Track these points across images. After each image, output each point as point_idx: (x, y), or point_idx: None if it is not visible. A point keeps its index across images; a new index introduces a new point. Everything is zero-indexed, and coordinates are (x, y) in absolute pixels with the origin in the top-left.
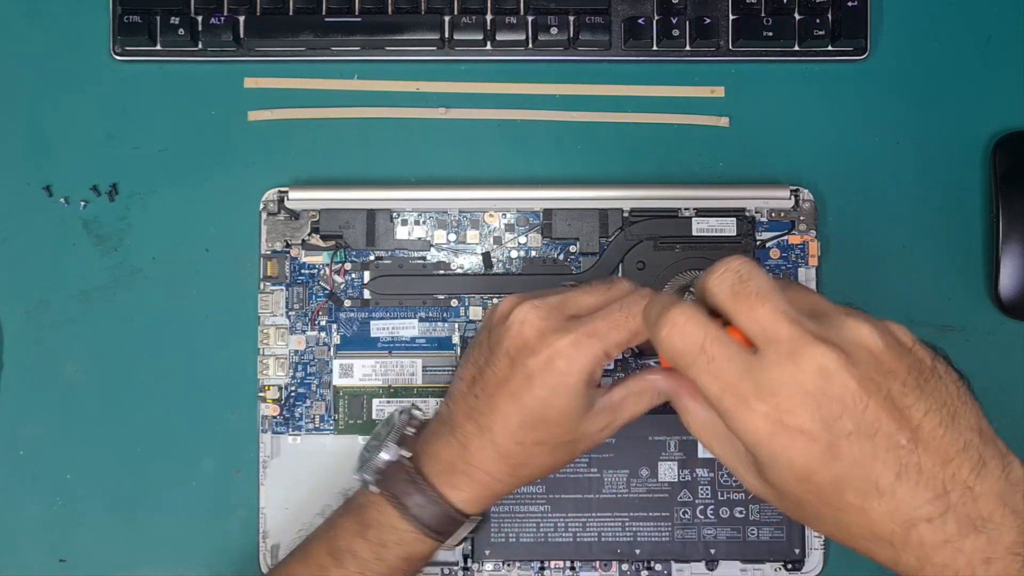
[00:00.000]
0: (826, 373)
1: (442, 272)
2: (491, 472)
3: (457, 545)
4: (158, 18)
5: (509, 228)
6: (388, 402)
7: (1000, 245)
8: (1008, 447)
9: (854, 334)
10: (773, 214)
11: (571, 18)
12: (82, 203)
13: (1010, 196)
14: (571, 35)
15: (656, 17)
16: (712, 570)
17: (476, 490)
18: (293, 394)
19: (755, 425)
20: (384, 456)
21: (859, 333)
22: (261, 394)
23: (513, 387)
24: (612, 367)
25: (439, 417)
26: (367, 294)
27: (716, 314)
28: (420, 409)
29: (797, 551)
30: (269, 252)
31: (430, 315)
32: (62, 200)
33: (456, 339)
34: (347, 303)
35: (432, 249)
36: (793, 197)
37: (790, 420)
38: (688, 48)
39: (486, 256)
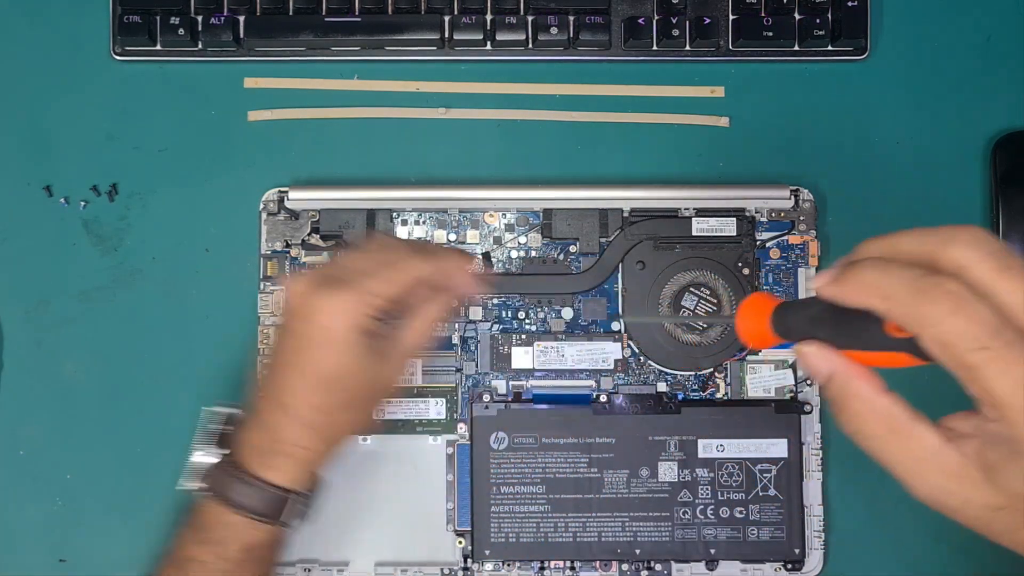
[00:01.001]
0: None
1: None
2: (302, 444)
3: (299, 522)
4: (158, 18)
5: (509, 228)
6: (388, 402)
7: None
8: None
9: None
10: (773, 214)
11: (571, 18)
12: (82, 203)
13: (1010, 196)
14: (571, 35)
15: (656, 17)
16: (712, 570)
17: (293, 466)
18: None
19: None
20: (198, 458)
21: None
22: None
23: (292, 357)
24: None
25: (247, 407)
26: None
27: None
28: (222, 406)
29: (797, 551)
30: (269, 252)
31: None
32: (62, 200)
33: (456, 339)
34: None
35: None
36: (793, 197)
37: None
38: (688, 48)
39: (486, 256)
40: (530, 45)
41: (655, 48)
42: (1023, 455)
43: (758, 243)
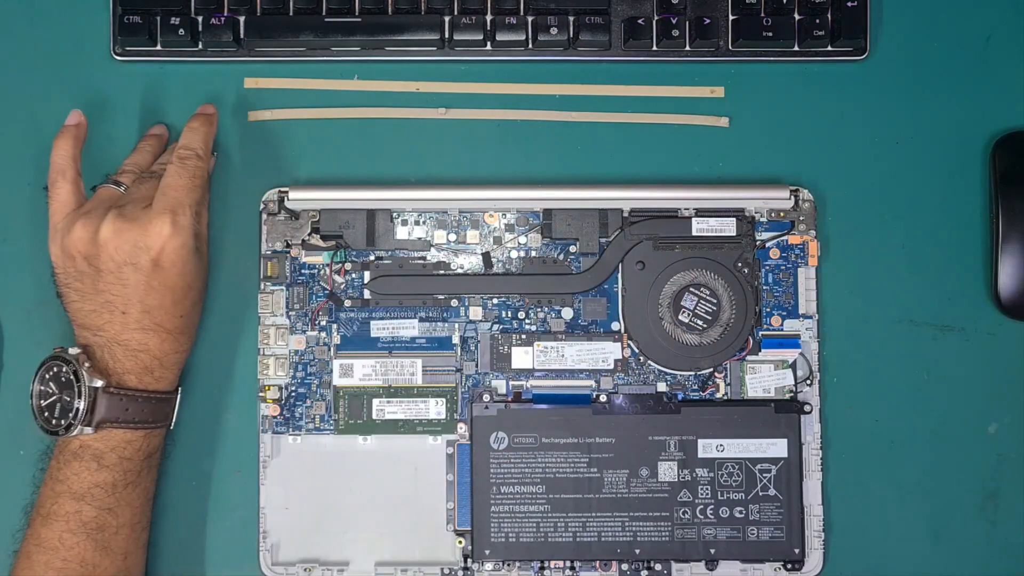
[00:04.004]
0: None
1: (442, 272)
2: (178, 350)
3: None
4: (158, 18)
5: (509, 228)
6: (388, 402)
7: (1000, 245)
8: None
9: None
10: (773, 214)
11: (571, 18)
12: None
13: (1010, 196)
14: (571, 35)
15: (656, 17)
16: (712, 570)
17: (172, 370)
18: (293, 394)
19: None
20: (82, 401)
21: None
22: (261, 394)
23: (154, 283)
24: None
25: (100, 345)
26: (367, 294)
27: None
28: (65, 350)
29: (797, 551)
30: (269, 252)
31: (430, 315)
32: None
33: (456, 339)
34: (347, 303)
35: (432, 249)
36: (793, 197)
37: None
38: (688, 48)
39: (486, 256)
40: (530, 45)
41: (655, 48)
42: None
43: (758, 243)
